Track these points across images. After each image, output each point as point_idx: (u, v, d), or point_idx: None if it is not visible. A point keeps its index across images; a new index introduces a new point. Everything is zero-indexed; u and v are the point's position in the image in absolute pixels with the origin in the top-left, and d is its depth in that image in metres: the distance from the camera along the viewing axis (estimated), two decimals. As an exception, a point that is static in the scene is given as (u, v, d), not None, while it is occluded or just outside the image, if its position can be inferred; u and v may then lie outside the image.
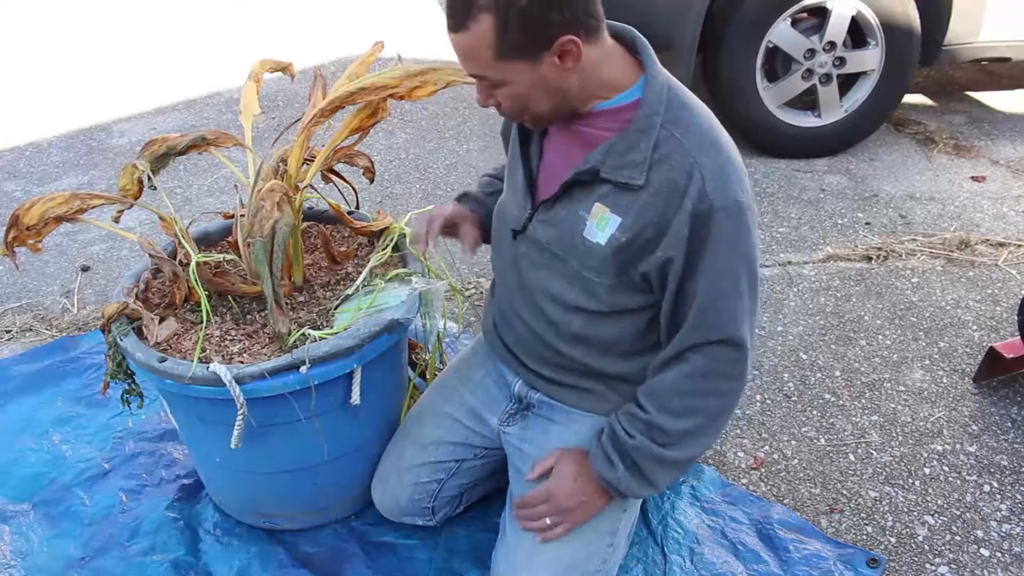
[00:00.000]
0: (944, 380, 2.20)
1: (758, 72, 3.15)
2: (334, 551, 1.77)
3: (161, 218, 1.72)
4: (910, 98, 3.95)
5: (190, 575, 1.74)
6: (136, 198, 1.66)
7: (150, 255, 1.67)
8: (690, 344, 1.34)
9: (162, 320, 1.64)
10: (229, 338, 1.62)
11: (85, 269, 2.86)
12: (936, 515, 1.82)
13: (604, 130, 1.32)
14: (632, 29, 1.36)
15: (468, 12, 1.20)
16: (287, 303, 1.69)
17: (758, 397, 2.16)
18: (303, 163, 1.69)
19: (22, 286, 2.79)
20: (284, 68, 1.84)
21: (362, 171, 1.88)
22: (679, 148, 1.26)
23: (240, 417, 1.49)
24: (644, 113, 1.28)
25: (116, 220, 1.72)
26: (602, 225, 1.32)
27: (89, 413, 2.18)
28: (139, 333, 1.62)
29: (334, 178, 1.90)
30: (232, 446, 1.52)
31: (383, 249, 1.80)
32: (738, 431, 2.06)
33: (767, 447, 2.01)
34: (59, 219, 1.55)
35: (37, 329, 2.56)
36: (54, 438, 2.11)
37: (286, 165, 1.68)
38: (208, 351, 1.56)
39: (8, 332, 2.55)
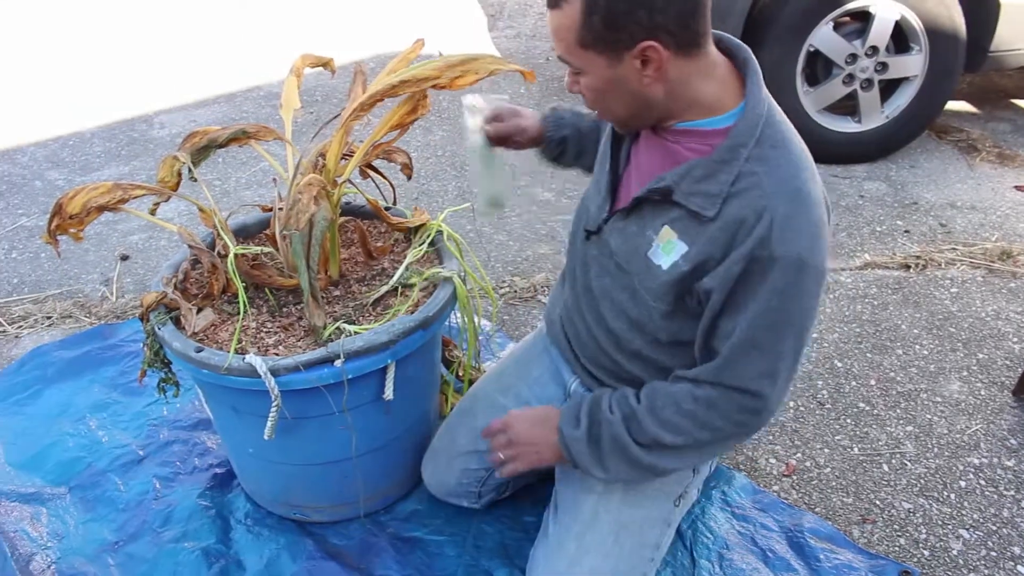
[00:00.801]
0: (982, 392, 2.16)
1: (798, 76, 3.12)
2: (363, 545, 1.78)
3: (201, 210, 1.74)
4: (953, 105, 3.89)
5: (220, 563, 1.76)
6: (175, 189, 1.67)
7: (189, 246, 1.68)
8: (711, 380, 1.30)
9: (199, 311, 1.66)
10: (265, 330, 1.63)
11: (124, 258, 2.90)
12: (971, 529, 1.79)
13: (690, 150, 1.28)
14: (746, 49, 1.31)
15: None
16: (323, 297, 1.70)
17: (791, 404, 2.14)
18: (341, 158, 1.70)
19: (63, 273, 2.84)
20: (325, 63, 1.85)
21: (400, 167, 1.89)
22: (757, 186, 1.20)
23: (274, 409, 1.50)
24: (731, 144, 1.22)
25: (152, 212, 1.75)
26: (668, 249, 1.29)
27: (125, 400, 2.21)
28: (176, 323, 1.63)
29: (372, 174, 1.91)
30: (265, 437, 1.54)
31: (419, 245, 1.80)
32: (770, 437, 2.04)
33: (799, 454, 1.99)
34: (101, 208, 1.57)
35: (77, 316, 2.60)
36: (91, 423, 2.14)
37: (325, 160, 1.69)
38: (244, 342, 1.58)
39: (49, 318, 2.60)
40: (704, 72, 1.24)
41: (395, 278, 1.72)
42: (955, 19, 3.04)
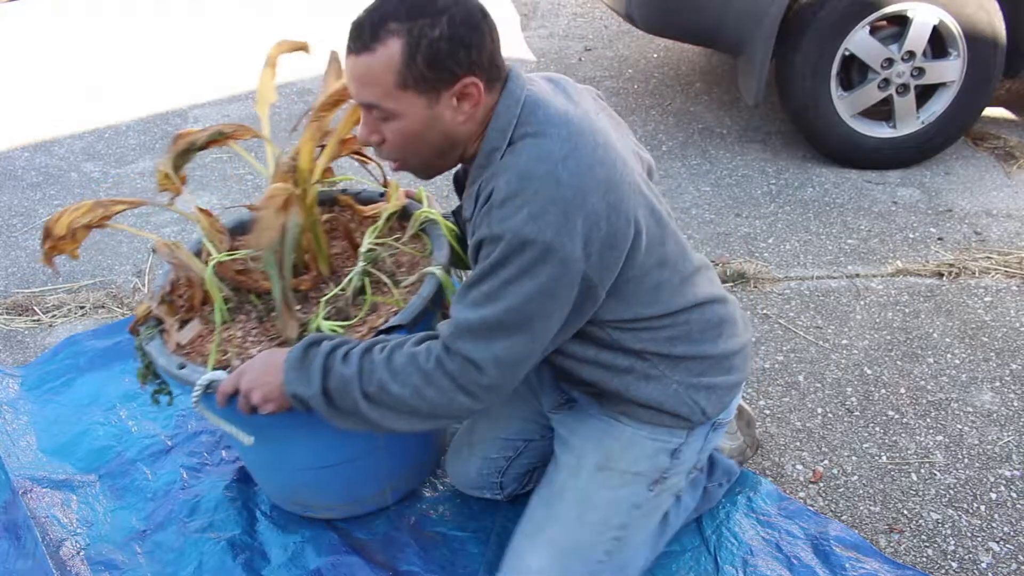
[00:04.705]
0: (1015, 403, 2.13)
1: (833, 80, 3.09)
2: (387, 539, 1.79)
3: (201, 211, 1.72)
4: (990, 111, 3.83)
5: (245, 554, 1.77)
6: (179, 192, 1.66)
7: (168, 262, 1.67)
8: (444, 342, 1.30)
9: (187, 322, 1.64)
10: (251, 339, 1.61)
11: (156, 251, 2.93)
12: (1002, 542, 1.77)
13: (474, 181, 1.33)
14: (512, 68, 1.33)
15: (377, 33, 1.20)
16: (313, 295, 1.68)
17: (819, 410, 2.12)
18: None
19: (97, 264, 2.88)
20: (300, 47, 1.77)
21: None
22: (493, 175, 1.26)
23: (227, 425, 1.52)
24: (486, 150, 1.29)
25: (169, 205, 1.74)
26: None
27: (155, 391, 2.23)
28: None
29: (362, 158, 1.87)
30: (245, 443, 1.54)
31: (372, 236, 1.72)
32: (797, 443, 2.02)
33: (827, 461, 1.97)
34: (87, 227, 1.57)
35: (109, 306, 2.64)
36: (121, 413, 2.17)
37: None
38: (229, 353, 1.56)
39: (82, 308, 2.64)
40: (497, 103, 1.30)
41: (346, 280, 1.64)
42: (995, 24, 2.99)
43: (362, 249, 1.67)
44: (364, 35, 1.22)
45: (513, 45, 4.68)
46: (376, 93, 1.24)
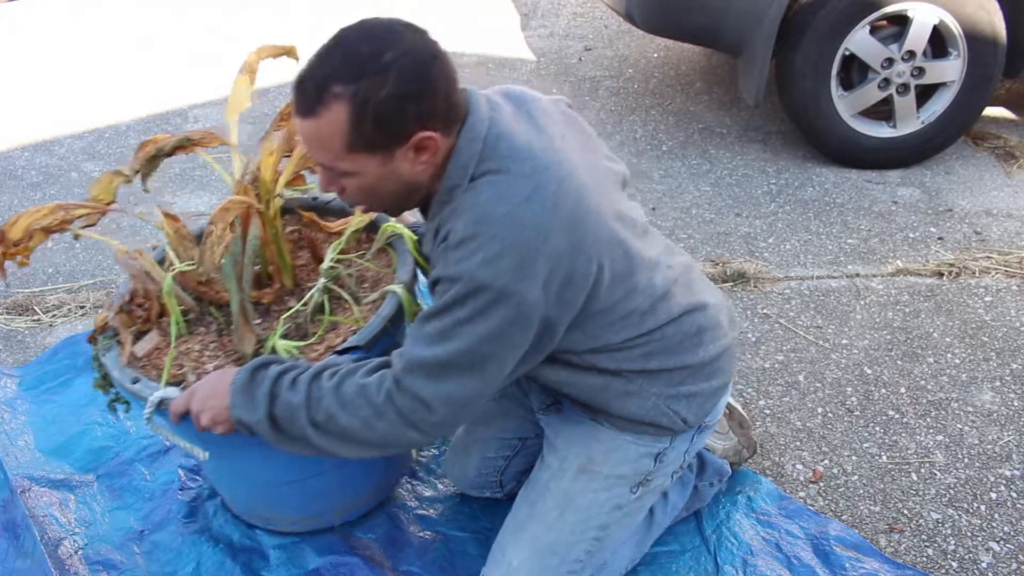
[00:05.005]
0: (1016, 403, 2.13)
1: (833, 80, 3.09)
2: (387, 539, 1.79)
3: (167, 217, 1.69)
4: (990, 111, 3.82)
5: (244, 555, 1.77)
6: (109, 203, 1.60)
7: (127, 271, 1.63)
8: (395, 375, 1.26)
9: (144, 333, 1.61)
10: (208, 352, 1.57)
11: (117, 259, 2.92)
12: (1002, 542, 1.76)
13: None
14: (471, 99, 1.28)
15: (321, 98, 1.15)
16: (275, 309, 1.65)
17: (819, 410, 2.12)
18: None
19: (97, 264, 2.88)
20: (287, 52, 1.72)
21: None
22: (452, 215, 1.23)
23: (182, 441, 1.51)
24: (446, 186, 1.25)
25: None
26: None
27: (154, 390, 2.23)
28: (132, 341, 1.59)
29: None
30: (201, 459, 1.53)
31: (334, 253, 1.69)
32: (797, 443, 2.02)
33: (827, 461, 1.97)
34: (46, 231, 1.53)
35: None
36: (119, 413, 2.16)
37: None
38: (185, 368, 1.53)
39: (82, 308, 2.63)
40: (457, 141, 1.25)
41: (308, 295, 1.61)
42: (995, 24, 2.99)
43: (323, 266, 1.64)
44: (308, 98, 1.17)
45: (513, 45, 4.68)
46: (327, 156, 1.21)
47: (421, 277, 1.66)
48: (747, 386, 2.21)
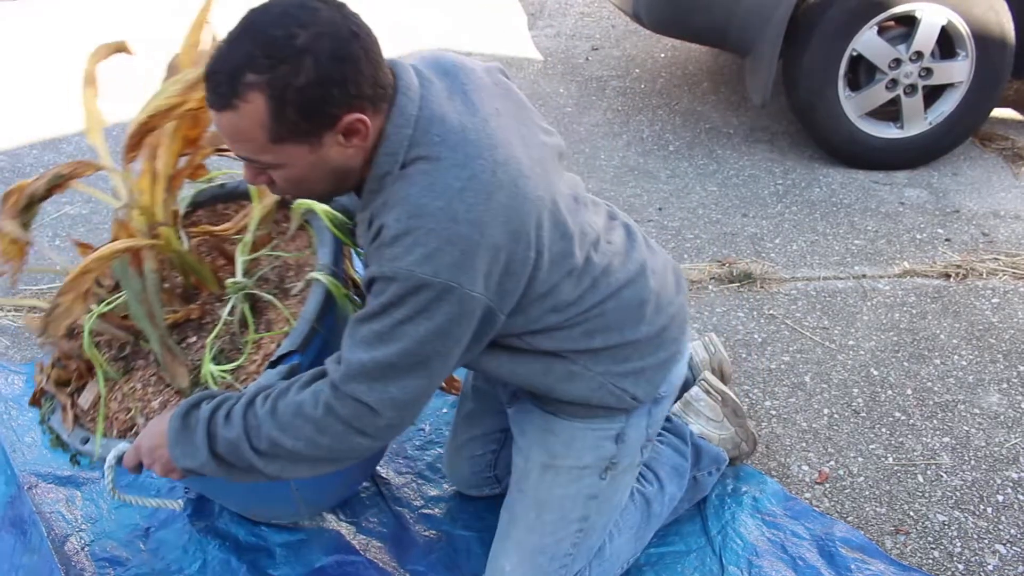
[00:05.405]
0: (1023, 405, 2.12)
1: (840, 81, 3.08)
2: (393, 538, 1.80)
3: (80, 246, 1.61)
4: (998, 112, 3.81)
5: (250, 554, 1.77)
6: (22, 259, 1.51)
7: (39, 342, 1.55)
8: (334, 383, 1.22)
9: (84, 386, 1.54)
10: (151, 388, 1.50)
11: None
12: (1008, 544, 1.76)
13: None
14: (399, 66, 1.23)
15: (235, 90, 1.08)
16: (208, 320, 1.57)
17: (825, 411, 2.12)
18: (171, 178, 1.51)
19: (103, 261, 2.88)
20: (119, 49, 1.53)
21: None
22: (383, 208, 1.17)
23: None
24: (376, 174, 1.19)
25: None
26: None
27: (161, 388, 2.24)
28: (74, 397, 1.54)
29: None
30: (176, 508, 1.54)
31: (244, 252, 1.57)
32: (803, 444, 2.02)
33: (832, 462, 1.97)
34: None
35: (115, 304, 2.64)
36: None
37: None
38: (132, 411, 1.48)
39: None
40: (385, 124, 1.19)
41: (231, 310, 1.52)
42: (1004, 24, 2.98)
43: (229, 281, 1.52)
44: (221, 91, 1.09)
45: (520, 45, 4.68)
46: (249, 149, 1.15)
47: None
48: (753, 387, 2.21)
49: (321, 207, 1.53)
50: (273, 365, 1.38)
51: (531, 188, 1.21)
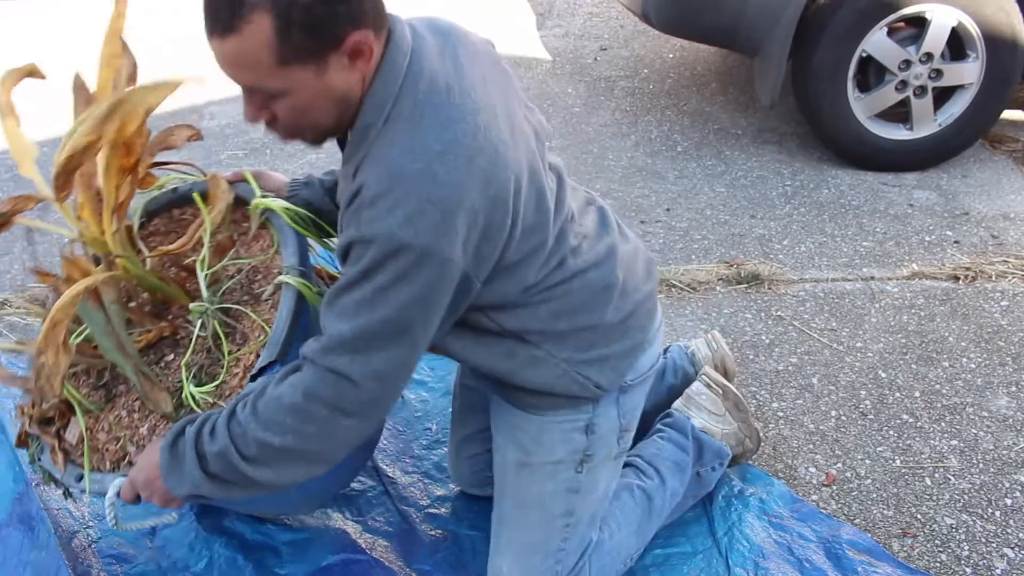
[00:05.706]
0: (1031, 408, 2.12)
1: (850, 82, 3.07)
2: (399, 537, 1.80)
3: (41, 276, 1.57)
4: (1008, 113, 3.80)
5: (256, 552, 1.78)
6: None
7: (24, 389, 1.51)
8: (311, 358, 1.20)
9: (68, 424, 1.52)
10: (137, 414, 1.48)
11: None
12: (1017, 548, 1.75)
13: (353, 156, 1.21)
14: (393, 18, 1.20)
15: (238, 12, 1.05)
16: (182, 336, 1.53)
17: (833, 413, 2.11)
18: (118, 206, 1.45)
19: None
20: (30, 73, 1.52)
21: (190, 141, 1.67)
22: (364, 166, 1.15)
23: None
24: (361, 125, 1.18)
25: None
26: None
27: (168, 386, 2.24)
28: (60, 433, 1.52)
29: (171, 168, 1.71)
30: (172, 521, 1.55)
31: (203, 268, 1.52)
32: (811, 446, 2.01)
33: (840, 464, 1.96)
34: None
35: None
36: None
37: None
38: (122, 440, 1.46)
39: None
40: (376, 71, 1.17)
41: (198, 332, 1.48)
42: (1015, 26, 2.97)
43: (192, 306, 1.48)
44: (222, 14, 1.06)
45: (529, 45, 4.67)
46: (254, 76, 1.11)
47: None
48: (760, 388, 2.20)
49: (279, 204, 1.50)
50: (254, 378, 1.36)
51: (511, 155, 1.20)
